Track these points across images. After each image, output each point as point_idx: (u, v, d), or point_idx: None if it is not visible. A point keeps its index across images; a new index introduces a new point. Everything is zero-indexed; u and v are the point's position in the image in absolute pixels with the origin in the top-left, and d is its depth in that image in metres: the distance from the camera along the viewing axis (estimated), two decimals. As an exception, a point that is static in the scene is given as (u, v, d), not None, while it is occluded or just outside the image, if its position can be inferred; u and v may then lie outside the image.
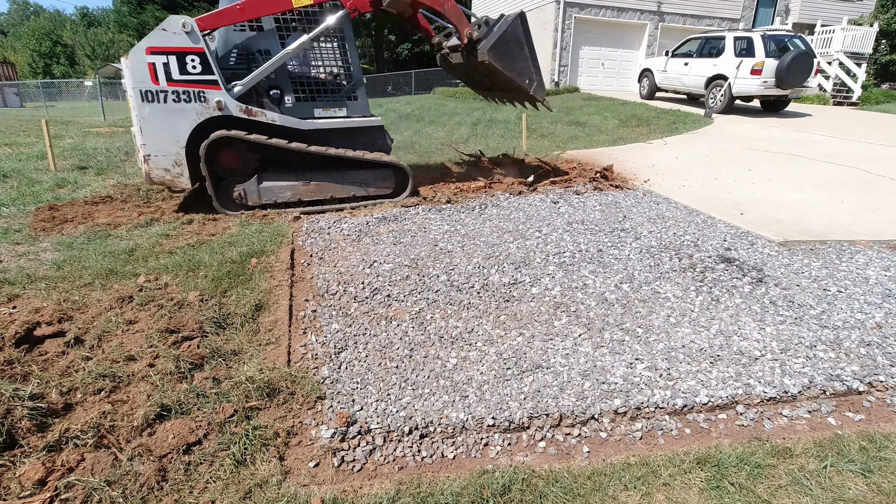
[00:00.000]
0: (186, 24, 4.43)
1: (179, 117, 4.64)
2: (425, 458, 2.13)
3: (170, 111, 4.59)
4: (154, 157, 4.70)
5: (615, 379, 2.55)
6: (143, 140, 4.62)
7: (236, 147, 4.92)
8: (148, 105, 4.53)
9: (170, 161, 4.76)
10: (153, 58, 4.43)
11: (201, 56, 4.54)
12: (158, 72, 4.46)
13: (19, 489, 1.82)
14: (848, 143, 8.41)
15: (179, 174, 4.82)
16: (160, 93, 4.52)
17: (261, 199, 5.11)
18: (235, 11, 4.58)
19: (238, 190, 5.04)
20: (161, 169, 4.76)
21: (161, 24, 4.46)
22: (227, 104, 4.70)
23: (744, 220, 4.84)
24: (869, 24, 17.51)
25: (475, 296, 3.40)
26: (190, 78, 4.56)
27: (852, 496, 1.92)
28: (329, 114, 5.23)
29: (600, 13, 16.20)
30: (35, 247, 4.20)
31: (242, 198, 5.06)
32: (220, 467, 1.98)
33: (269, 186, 5.11)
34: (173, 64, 4.48)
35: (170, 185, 4.93)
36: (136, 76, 4.44)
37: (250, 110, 4.80)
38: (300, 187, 5.19)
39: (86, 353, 2.63)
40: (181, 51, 4.48)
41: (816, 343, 2.87)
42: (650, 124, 10.34)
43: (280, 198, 5.15)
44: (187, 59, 4.51)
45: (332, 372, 2.62)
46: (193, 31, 4.47)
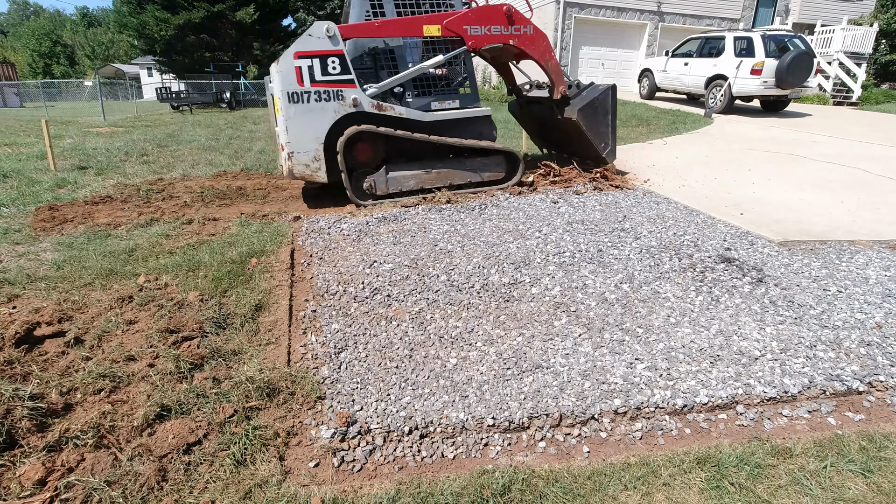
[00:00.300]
0: (330, 29, 4.78)
1: (320, 115, 4.96)
2: (425, 458, 2.13)
3: (311, 110, 4.91)
4: (297, 153, 5.01)
5: (615, 379, 2.55)
6: (288, 138, 4.93)
7: (368, 141, 5.29)
8: (294, 106, 4.85)
9: (310, 157, 5.06)
10: (300, 62, 4.79)
11: (341, 58, 4.89)
12: (304, 74, 4.81)
13: (19, 489, 1.82)
14: (848, 143, 8.41)
15: (318, 168, 5.12)
16: (304, 94, 4.85)
17: (388, 188, 5.45)
18: (373, 28, 5.08)
19: (369, 181, 5.39)
20: (302, 164, 5.05)
21: (307, 29, 4.83)
22: (361, 101, 5.05)
23: (744, 220, 4.84)
24: (869, 24, 17.51)
25: (475, 296, 3.40)
26: (331, 78, 4.91)
27: (852, 496, 1.92)
28: (444, 106, 5.62)
29: (600, 13, 16.20)
30: (35, 247, 4.20)
31: (372, 188, 5.41)
32: (220, 467, 1.98)
33: (395, 176, 5.46)
34: (317, 66, 4.83)
35: (309, 179, 5.20)
36: (285, 79, 4.78)
37: (381, 105, 5.15)
38: (423, 175, 5.56)
39: (86, 353, 2.63)
40: (324, 54, 4.83)
41: (816, 343, 2.87)
42: (650, 124, 10.34)
43: (405, 186, 5.50)
44: (329, 61, 4.87)
45: (332, 372, 2.62)
46: (335, 35, 4.82)
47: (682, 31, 16.61)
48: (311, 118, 4.94)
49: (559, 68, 5.86)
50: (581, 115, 5.86)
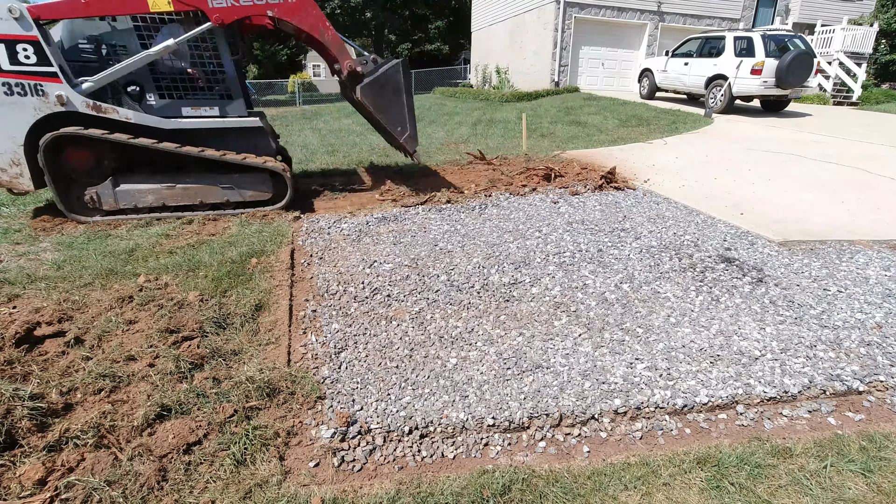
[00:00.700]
0: (14, 9, 3.99)
1: (14, 112, 4.20)
2: (425, 458, 2.13)
3: (1, 105, 4.17)
4: None
5: (615, 379, 2.55)
6: None
7: (85, 146, 4.50)
8: None
9: (6, 160, 4.32)
10: None
11: (35, 45, 4.07)
12: None
13: (19, 489, 1.82)
14: (848, 143, 8.41)
15: (19, 174, 4.38)
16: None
17: (118, 203, 4.68)
18: (79, 5, 4.15)
19: (90, 193, 4.61)
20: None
21: None
22: (70, 99, 4.26)
23: (744, 220, 4.84)
24: (869, 23, 17.51)
25: (475, 296, 3.40)
26: (23, 69, 4.11)
27: (852, 496, 1.92)
28: (199, 113, 4.82)
29: (600, 13, 16.19)
30: (35, 247, 4.20)
31: (96, 202, 4.63)
32: (220, 467, 1.98)
33: (127, 190, 4.66)
34: (2, 53, 4.04)
35: (8, 186, 4.47)
36: None
37: (99, 107, 4.35)
38: (164, 191, 4.76)
39: (86, 353, 2.63)
40: (9, 38, 4.03)
41: (816, 343, 2.87)
42: (650, 124, 10.34)
43: (141, 202, 4.74)
44: (18, 49, 4.05)
45: (332, 372, 2.62)
46: (23, 17, 4.01)
47: (682, 31, 16.61)
48: (3, 115, 4.18)
49: (339, 40, 4.99)
50: (366, 93, 4.96)
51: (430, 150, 8.69)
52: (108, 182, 4.61)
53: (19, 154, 4.32)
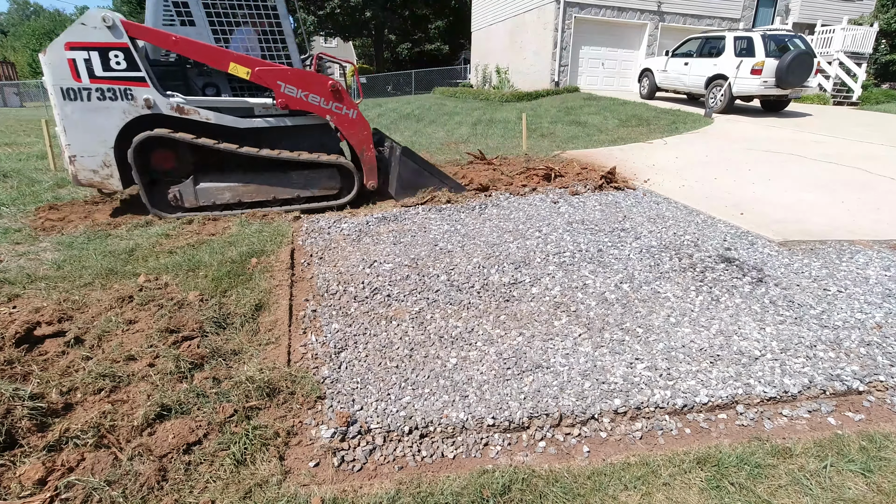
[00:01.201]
0: (107, 19, 4.20)
1: (105, 116, 4.46)
2: (425, 457, 2.13)
3: (94, 110, 4.41)
4: (81, 157, 4.55)
5: (615, 379, 2.55)
6: (68, 140, 4.48)
7: (170, 147, 4.75)
8: (70, 103, 4.37)
9: (97, 162, 4.60)
10: (73, 53, 4.23)
11: (126, 52, 4.32)
12: (80, 68, 4.26)
13: (19, 489, 1.82)
14: (848, 143, 8.41)
15: (109, 175, 4.65)
16: (83, 90, 4.34)
17: (198, 200, 4.92)
18: (169, 41, 4.44)
19: (173, 191, 4.86)
20: (88, 170, 4.60)
21: (80, 17, 4.24)
22: (156, 102, 4.50)
23: (744, 220, 4.84)
24: (869, 23, 17.51)
25: (475, 296, 3.40)
26: (114, 75, 4.35)
27: (852, 496, 1.92)
28: (269, 112, 4.98)
29: (600, 13, 16.19)
30: (35, 247, 4.20)
31: (178, 200, 4.89)
32: (220, 467, 1.98)
33: (206, 188, 4.92)
34: (95, 60, 4.27)
35: (99, 187, 4.74)
36: (56, 73, 4.26)
37: (183, 108, 4.59)
38: (240, 188, 5.00)
39: (86, 352, 2.63)
40: (103, 46, 4.26)
41: (816, 343, 2.87)
42: (650, 124, 10.33)
43: (219, 199, 4.97)
44: (110, 56, 4.30)
45: (332, 372, 2.62)
46: (116, 26, 4.24)
47: (683, 30, 16.61)
48: (95, 119, 4.43)
49: (373, 161, 5.37)
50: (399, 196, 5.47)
51: (430, 150, 8.69)
52: (189, 181, 4.88)
53: (110, 156, 4.60)
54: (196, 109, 4.64)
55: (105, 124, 4.48)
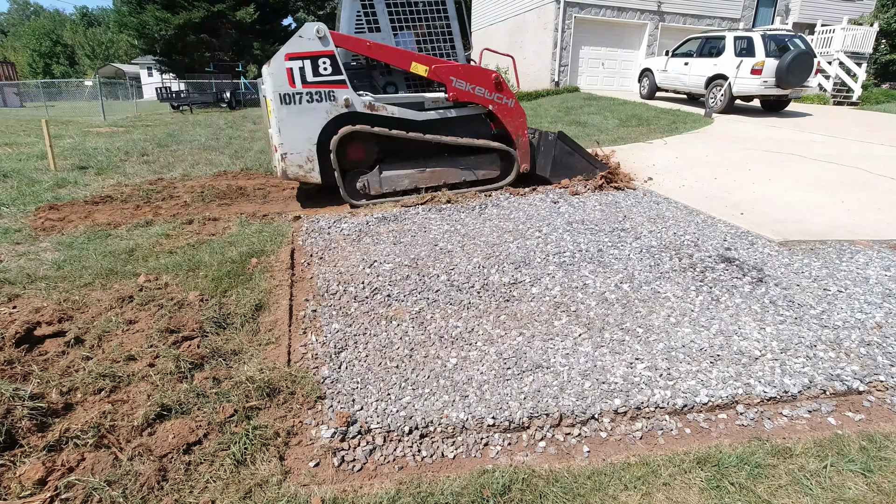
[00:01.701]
0: (320, 31, 4.80)
1: (312, 116, 4.99)
2: (425, 457, 2.13)
3: (303, 111, 4.95)
4: (290, 154, 5.05)
5: (615, 379, 2.55)
6: (281, 140, 4.99)
7: (361, 140, 5.34)
8: (286, 107, 4.89)
9: (303, 158, 5.10)
10: (291, 63, 4.82)
11: (332, 59, 4.91)
12: (295, 76, 4.84)
13: (19, 489, 1.82)
14: (848, 143, 8.41)
15: (311, 169, 5.17)
16: (296, 95, 4.88)
17: (382, 188, 5.48)
18: (363, 46, 5.13)
19: (362, 181, 5.44)
20: (296, 165, 5.10)
21: (297, 31, 4.81)
22: (353, 101, 5.07)
23: (744, 220, 4.83)
24: (869, 23, 17.51)
25: (475, 295, 3.40)
26: (322, 79, 4.93)
27: (852, 496, 1.92)
28: (437, 105, 5.55)
29: (600, 13, 16.19)
30: (35, 247, 4.20)
31: (366, 188, 5.45)
32: (221, 467, 1.98)
33: (389, 176, 5.49)
34: (308, 67, 4.86)
35: (303, 180, 5.23)
36: (276, 81, 4.81)
37: (373, 105, 5.15)
38: (416, 175, 5.58)
39: (86, 352, 2.63)
40: (315, 55, 4.86)
41: (816, 343, 2.87)
42: (650, 124, 10.33)
43: (399, 186, 5.53)
44: (320, 63, 4.89)
45: (332, 372, 2.62)
46: (326, 37, 4.84)
47: (683, 30, 16.60)
48: (304, 119, 4.98)
49: (528, 147, 5.94)
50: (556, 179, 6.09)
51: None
52: (375, 170, 5.44)
53: (313, 152, 5.12)
54: (384, 106, 5.22)
55: (311, 123, 5.02)
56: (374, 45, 5.14)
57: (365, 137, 5.30)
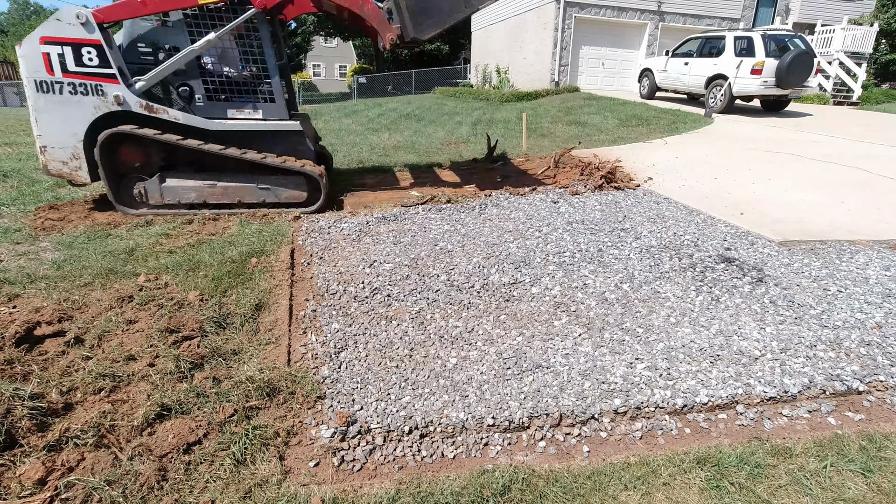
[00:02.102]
0: (81, 15, 4.27)
1: (76, 110, 4.54)
2: (425, 457, 2.13)
3: (65, 103, 4.49)
4: (51, 148, 4.63)
5: (615, 379, 2.55)
6: (39, 131, 4.58)
7: (137, 144, 4.79)
8: (43, 96, 4.45)
9: (67, 154, 4.68)
10: (48, 48, 4.29)
11: (98, 48, 4.37)
12: (53, 62, 4.32)
13: (19, 489, 1.82)
14: (848, 143, 8.41)
15: (77, 167, 4.73)
16: (56, 84, 4.40)
17: (163, 198, 4.95)
18: (137, 5, 4.39)
19: (138, 188, 4.92)
20: (58, 161, 4.69)
21: (55, 13, 4.30)
22: (126, 99, 4.56)
23: (744, 220, 4.83)
24: (869, 23, 17.51)
25: (475, 295, 3.40)
26: (87, 70, 4.41)
27: (852, 496, 1.92)
28: (243, 115, 5.03)
29: (600, 13, 16.19)
30: (35, 246, 4.20)
31: (143, 196, 4.93)
32: (220, 467, 1.98)
33: (172, 186, 4.94)
34: (69, 55, 4.34)
35: (69, 178, 4.81)
36: (30, 66, 4.34)
37: (151, 107, 4.64)
38: (206, 189, 5.00)
39: (86, 352, 2.63)
40: (76, 42, 4.32)
41: (816, 343, 2.87)
42: (650, 124, 10.33)
43: (184, 198, 4.99)
44: (83, 51, 4.35)
45: (332, 371, 2.62)
46: (89, 22, 4.30)
47: (683, 30, 16.60)
48: (66, 111, 4.51)
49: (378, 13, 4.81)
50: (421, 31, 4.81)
51: (430, 150, 8.70)
52: (155, 178, 4.88)
53: (79, 149, 4.66)
54: (165, 109, 4.68)
55: (76, 117, 4.55)
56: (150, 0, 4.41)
57: (143, 141, 4.78)
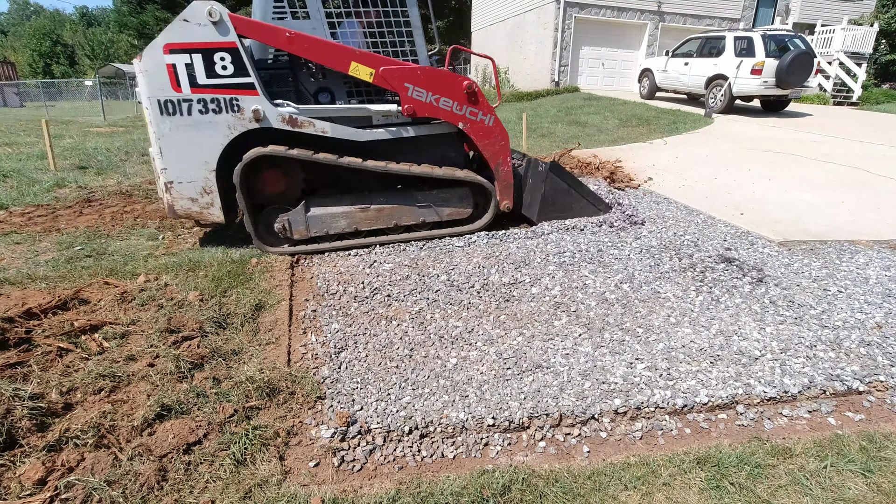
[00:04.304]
0: (214, 12, 3.49)
1: (207, 133, 3.71)
2: (425, 457, 2.13)
3: (195, 125, 3.67)
4: (178, 184, 3.78)
5: (615, 379, 2.55)
6: (164, 164, 3.72)
7: (279, 166, 4.01)
8: (169, 119, 3.62)
9: (197, 189, 3.82)
10: (174, 57, 3.51)
11: (233, 53, 3.60)
12: (180, 75, 3.55)
13: (19, 489, 1.82)
14: (848, 143, 8.41)
15: (210, 204, 3.87)
16: (183, 102, 3.61)
17: (309, 230, 4.09)
18: (283, 38, 3.71)
19: (282, 220, 4.02)
20: (187, 199, 3.83)
21: (182, 13, 3.52)
22: (266, 113, 3.75)
23: (744, 220, 4.83)
24: (869, 23, 17.51)
25: (475, 295, 3.40)
26: (219, 82, 3.63)
27: (852, 496, 1.92)
28: (389, 121, 4.23)
29: (600, 13, 16.19)
30: (35, 247, 4.20)
31: (287, 230, 4.04)
32: (220, 467, 1.98)
33: (319, 215, 4.08)
34: (198, 64, 3.56)
35: (198, 218, 3.96)
36: (152, 83, 3.54)
37: (296, 120, 3.82)
38: (358, 214, 4.17)
39: (85, 352, 2.63)
40: (208, 47, 3.55)
41: (816, 343, 2.87)
42: (650, 124, 10.33)
43: (333, 228, 4.14)
44: (215, 58, 3.58)
45: (332, 372, 2.62)
46: (223, 21, 3.53)
47: (683, 30, 16.60)
48: (196, 136, 3.69)
49: (511, 179, 4.51)
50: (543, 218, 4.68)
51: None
52: (300, 207, 4.04)
53: (211, 181, 3.82)
54: (311, 121, 3.87)
55: (207, 143, 3.74)
56: (298, 37, 3.71)
57: (286, 163, 3.99)
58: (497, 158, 4.40)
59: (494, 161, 4.41)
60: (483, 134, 4.31)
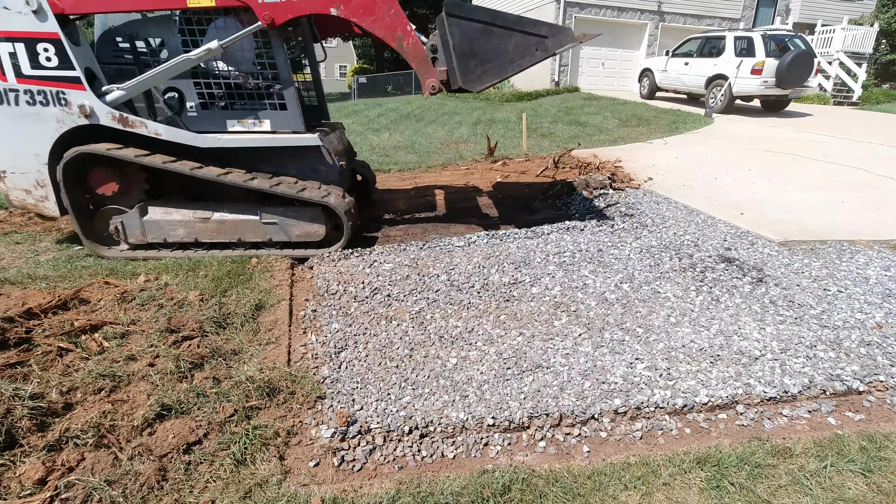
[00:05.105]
0: (31, 1, 3.34)
1: (36, 125, 3.60)
2: (425, 457, 2.13)
3: (23, 116, 3.57)
4: (10, 174, 3.71)
5: (615, 379, 2.55)
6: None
7: (111, 167, 3.80)
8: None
9: (30, 181, 3.73)
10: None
11: (56, 44, 3.44)
12: (5, 65, 3.45)
13: (19, 489, 1.82)
14: (848, 143, 8.41)
15: (44, 197, 3.76)
16: (10, 92, 3.52)
17: (145, 235, 3.90)
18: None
19: (115, 223, 3.88)
20: (20, 190, 3.76)
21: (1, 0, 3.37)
22: (94, 109, 3.59)
23: (744, 220, 4.83)
24: (869, 23, 17.51)
25: (475, 295, 3.40)
26: (44, 74, 3.49)
27: (852, 496, 1.92)
28: (246, 127, 3.95)
29: (600, 13, 16.19)
30: (35, 247, 4.20)
31: (121, 233, 3.90)
32: (220, 467, 1.98)
33: (156, 220, 3.88)
34: (21, 54, 3.44)
35: (34, 211, 3.86)
36: None
37: (126, 119, 3.64)
38: (198, 224, 3.91)
39: (85, 352, 2.63)
40: (30, 37, 3.41)
41: (816, 343, 2.87)
42: (650, 124, 10.33)
43: (171, 236, 3.92)
44: (38, 49, 3.44)
45: (332, 371, 2.62)
46: (41, 10, 3.37)
47: (683, 30, 16.60)
48: (25, 127, 3.59)
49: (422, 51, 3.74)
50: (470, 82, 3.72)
51: (430, 150, 8.69)
52: (135, 210, 3.89)
53: (44, 174, 3.72)
54: (142, 122, 3.68)
55: (37, 135, 3.64)
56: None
57: (123, 163, 3.77)
58: (394, 33, 3.68)
59: (393, 38, 3.69)
60: (365, 11, 3.60)
